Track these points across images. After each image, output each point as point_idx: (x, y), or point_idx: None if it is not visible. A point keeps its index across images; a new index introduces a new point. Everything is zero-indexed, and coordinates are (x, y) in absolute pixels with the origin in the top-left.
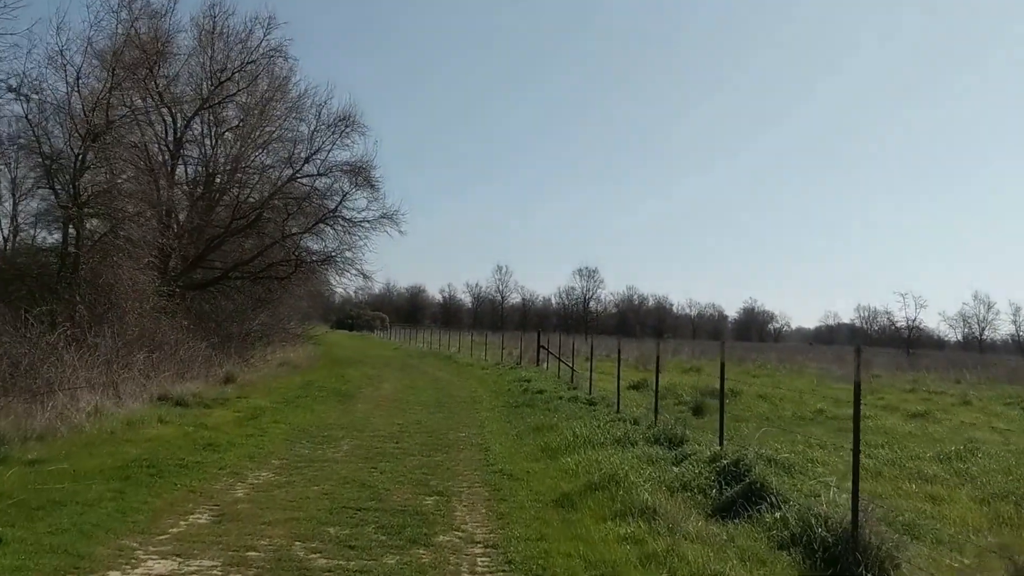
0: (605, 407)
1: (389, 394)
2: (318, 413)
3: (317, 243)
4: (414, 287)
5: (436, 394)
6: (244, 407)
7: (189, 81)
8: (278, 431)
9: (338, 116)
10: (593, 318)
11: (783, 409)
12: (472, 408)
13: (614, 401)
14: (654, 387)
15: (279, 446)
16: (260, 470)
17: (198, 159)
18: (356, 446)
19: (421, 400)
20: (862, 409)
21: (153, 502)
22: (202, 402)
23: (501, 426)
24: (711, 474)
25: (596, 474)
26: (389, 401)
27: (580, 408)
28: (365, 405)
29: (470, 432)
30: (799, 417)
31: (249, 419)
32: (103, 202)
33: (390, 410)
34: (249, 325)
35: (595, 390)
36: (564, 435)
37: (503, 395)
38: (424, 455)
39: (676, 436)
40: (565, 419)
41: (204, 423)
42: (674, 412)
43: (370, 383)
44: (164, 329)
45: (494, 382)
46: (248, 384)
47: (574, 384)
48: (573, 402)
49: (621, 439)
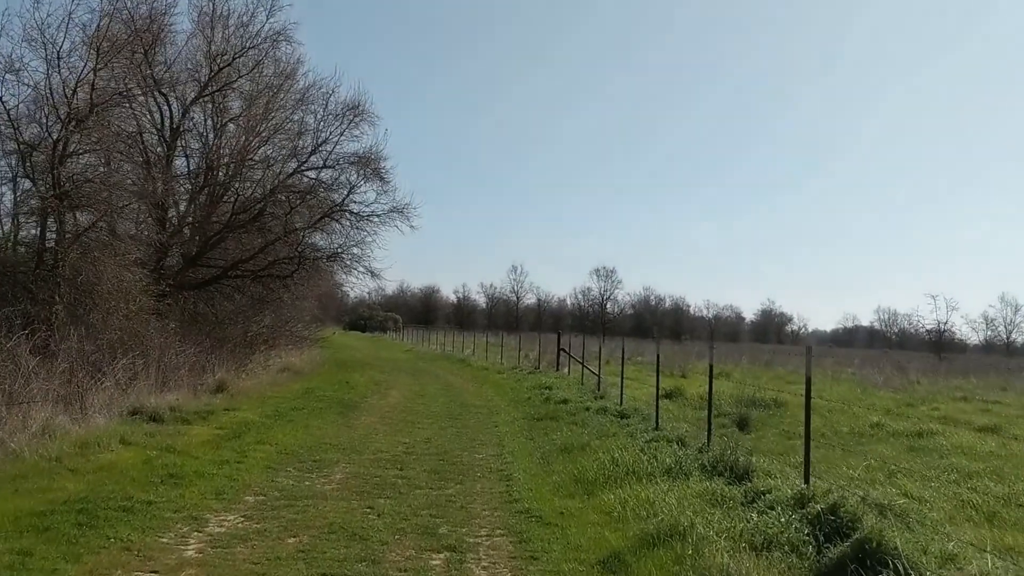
0: (640, 421)
1: (397, 403)
2: (313, 429)
3: (324, 240)
4: (428, 287)
5: (448, 403)
6: (228, 422)
7: (187, 67)
8: (261, 454)
9: (346, 105)
10: (610, 319)
11: (836, 422)
12: (489, 421)
13: (648, 413)
14: (691, 397)
15: (258, 476)
16: (227, 512)
17: (199, 151)
18: (351, 475)
19: (432, 411)
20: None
21: (65, 571)
22: (181, 416)
23: (523, 445)
24: (802, 525)
25: (651, 521)
26: (396, 412)
27: (611, 422)
28: (369, 418)
29: (487, 453)
30: (857, 433)
31: (230, 438)
32: (86, 193)
33: (396, 424)
34: (250, 327)
35: (626, 400)
36: (600, 460)
37: (522, 405)
38: (433, 487)
39: (739, 466)
40: (597, 437)
41: (173, 445)
42: (715, 427)
43: (377, 390)
44: (151, 333)
45: (512, 389)
46: (241, 393)
47: (600, 392)
48: (602, 414)
49: (672, 469)
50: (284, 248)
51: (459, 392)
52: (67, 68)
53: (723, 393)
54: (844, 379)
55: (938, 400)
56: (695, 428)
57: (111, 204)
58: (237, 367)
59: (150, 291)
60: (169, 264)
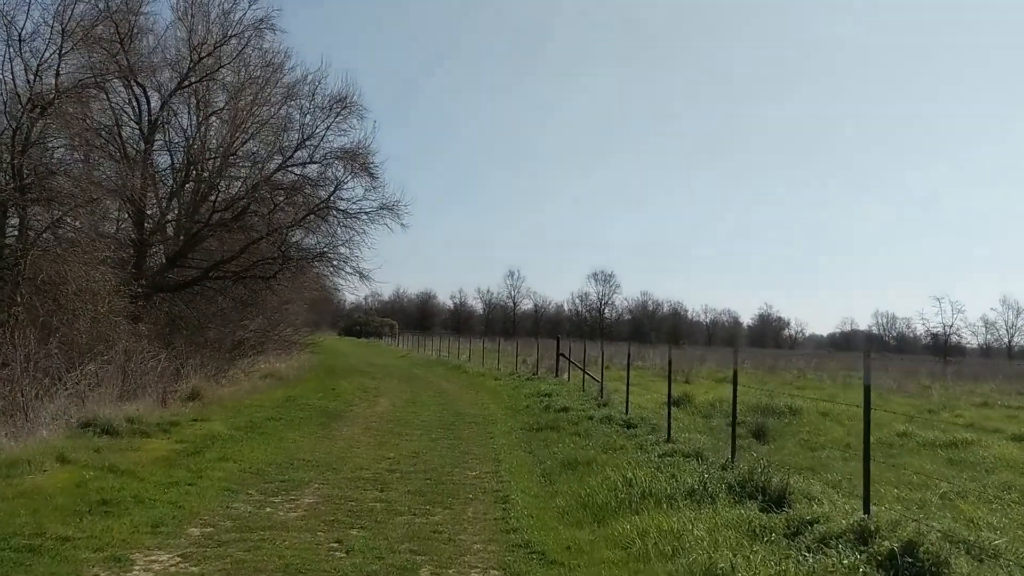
0: (649, 432)
1: (385, 412)
2: (287, 443)
3: (310, 239)
4: (424, 293)
5: (441, 412)
6: (193, 435)
7: (167, 58)
8: (220, 474)
9: (333, 97)
10: (608, 324)
11: (861, 430)
12: (484, 432)
13: (657, 423)
14: (700, 404)
15: (211, 501)
16: (160, 550)
17: (182, 146)
18: (323, 498)
19: (422, 420)
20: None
21: None
22: (140, 429)
23: (522, 459)
24: (872, 569)
25: (679, 561)
26: (383, 422)
27: (617, 432)
28: (352, 429)
29: (482, 470)
30: (885, 443)
31: (189, 454)
32: (50, 186)
33: (382, 436)
34: (233, 331)
35: (631, 408)
36: (610, 479)
37: (521, 413)
38: (417, 512)
39: (772, 487)
40: (604, 450)
41: (117, 464)
42: (728, 434)
43: (365, 398)
44: (122, 336)
45: (509, 396)
46: (216, 402)
47: (603, 399)
48: (607, 424)
49: (695, 490)
50: (268, 248)
51: (453, 400)
52: (30, 51)
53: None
54: (855, 384)
55: (958, 406)
56: (710, 439)
57: (78, 198)
58: (216, 373)
59: (122, 292)
60: (148, 264)
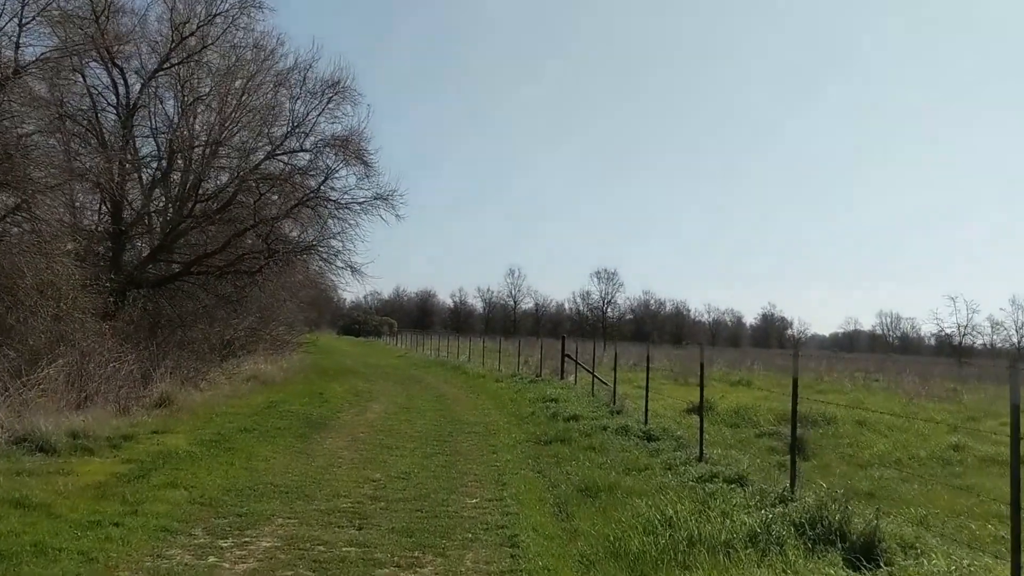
0: (674, 446)
1: (376, 421)
2: (257, 461)
3: (301, 232)
4: (424, 292)
5: (438, 420)
6: (145, 452)
7: (147, 37)
8: (161, 507)
9: (326, 82)
10: (610, 324)
11: (907, 443)
12: (485, 444)
13: (680, 435)
14: (722, 411)
15: (139, 548)
16: None
17: (166, 133)
18: (286, 540)
19: (417, 430)
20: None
21: None
22: (83, 445)
23: (531, 483)
24: None
25: None
26: (372, 433)
27: (637, 447)
28: (336, 441)
29: (483, 496)
30: (940, 459)
31: (131, 479)
32: (6, 170)
33: (369, 450)
34: (215, 330)
35: (649, 417)
36: (642, 514)
37: (526, 422)
38: (402, 562)
39: (855, 531)
40: (625, 470)
41: (30, 496)
42: (762, 449)
43: (355, 403)
44: (88, 336)
45: (512, 400)
46: (187, 409)
47: (617, 406)
48: (623, 436)
49: (756, 535)
50: (254, 240)
51: (451, 405)
52: None
53: (757, 407)
54: (875, 388)
55: (1000, 412)
56: (746, 455)
57: (39, 184)
58: (194, 376)
59: (90, 288)
60: (127, 258)
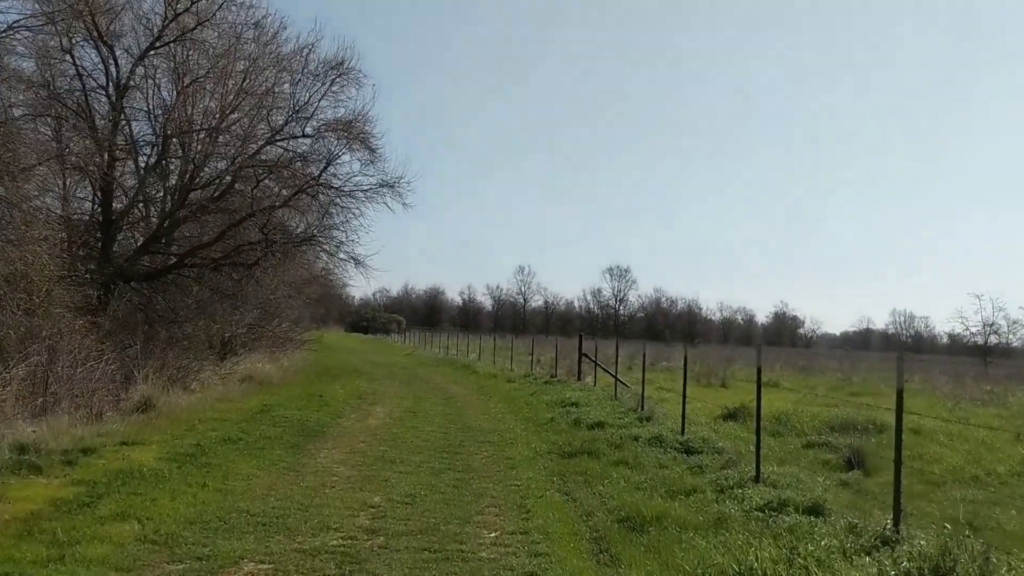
0: (718, 460)
1: (378, 428)
2: (234, 480)
3: (301, 221)
4: (432, 289)
5: (447, 428)
6: (102, 471)
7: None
8: (98, 549)
9: (328, 63)
10: (623, 322)
11: (979, 456)
12: (502, 457)
13: (720, 445)
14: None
15: None
16: None
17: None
18: None
19: (423, 440)
20: None
21: None
22: (31, 461)
23: (559, 509)
24: None
25: None
26: (374, 442)
27: (676, 462)
28: (332, 453)
29: (504, 528)
30: (1019, 475)
31: (74, 508)
32: None
33: (368, 465)
34: (211, 327)
35: (685, 426)
36: (709, 560)
37: (545, 429)
38: None
39: None
40: (668, 494)
41: None
42: (814, 462)
43: (357, 407)
44: (64, 333)
45: (527, 404)
46: (169, 414)
47: (645, 412)
48: (658, 447)
49: None
50: (251, 230)
51: (462, 409)
52: None
53: (798, 413)
54: (915, 390)
55: None
56: (797, 467)
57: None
58: (184, 376)
59: (68, 280)
60: (118, 250)
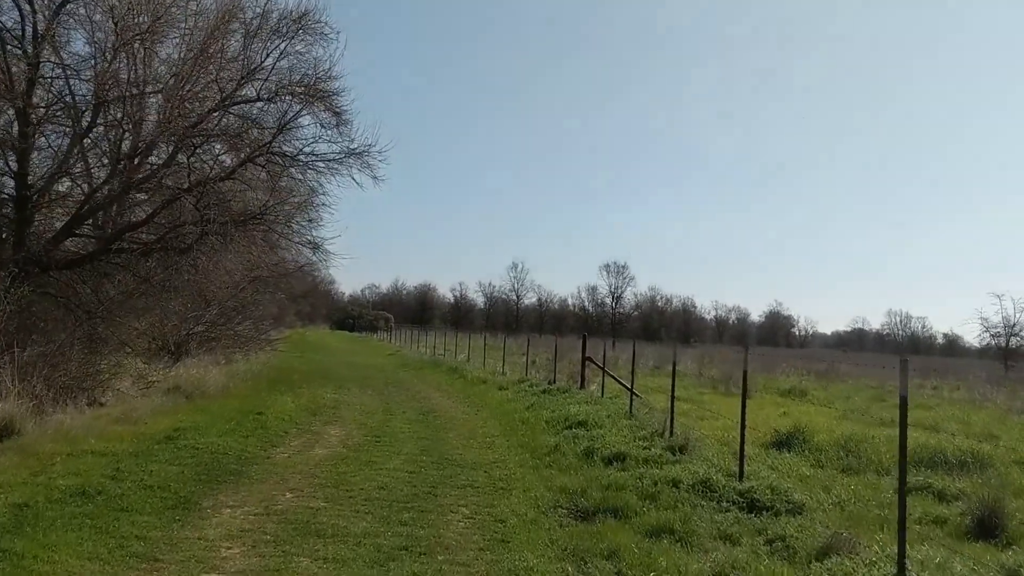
0: (807, 533)
1: (322, 463)
2: None
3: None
4: (423, 285)
5: (417, 462)
6: None
7: None
8: None
9: (290, 15)
10: (619, 320)
11: None
12: (490, 521)
13: (797, 497)
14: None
15: None
16: None
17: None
18: None
19: (380, 486)
20: None
21: None
22: None
23: None
24: None
25: None
26: (305, 493)
27: (747, 530)
28: (233, 515)
29: None
30: None
31: None
32: None
33: (278, 545)
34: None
35: (742, 466)
36: None
37: (548, 465)
38: None
39: None
40: None
41: None
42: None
43: (306, 428)
44: None
45: (523, 421)
46: (31, 445)
47: (675, 437)
48: (709, 499)
49: None
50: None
51: (442, 430)
52: None
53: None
54: (959, 399)
55: None
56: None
57: None
58: (89, 387)
59: None
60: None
